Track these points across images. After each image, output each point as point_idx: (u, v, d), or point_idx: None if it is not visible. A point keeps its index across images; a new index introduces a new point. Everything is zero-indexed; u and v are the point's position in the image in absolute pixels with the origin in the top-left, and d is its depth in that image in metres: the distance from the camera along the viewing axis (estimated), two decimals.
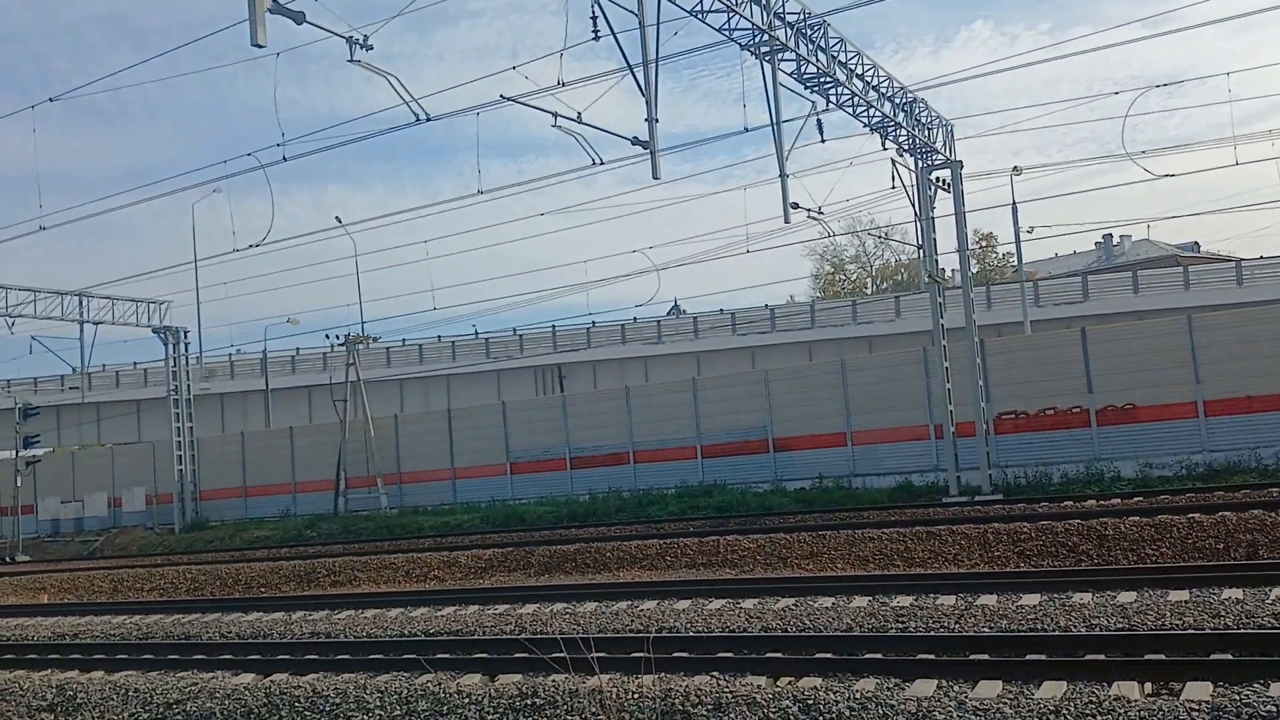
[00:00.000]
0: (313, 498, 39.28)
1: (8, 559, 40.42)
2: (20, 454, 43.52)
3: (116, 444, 55.19)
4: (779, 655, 10.86)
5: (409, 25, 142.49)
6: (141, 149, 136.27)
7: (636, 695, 9.57)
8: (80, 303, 38.58)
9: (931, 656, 10.17)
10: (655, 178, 17.00)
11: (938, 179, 25.97)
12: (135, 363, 61.81)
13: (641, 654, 10.09)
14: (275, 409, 53.49)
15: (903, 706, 8.65)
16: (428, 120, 16.51)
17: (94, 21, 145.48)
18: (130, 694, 12.38)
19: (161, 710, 11.75)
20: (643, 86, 17.05)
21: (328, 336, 43.18)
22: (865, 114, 23.37)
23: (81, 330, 39.20)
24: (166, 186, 42.25)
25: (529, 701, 9.94)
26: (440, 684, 11.00)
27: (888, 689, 9.22)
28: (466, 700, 10.31)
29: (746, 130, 20.10)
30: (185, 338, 42.32)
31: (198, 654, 14.54)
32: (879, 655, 10.45)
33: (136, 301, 40.46)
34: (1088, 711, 8.13)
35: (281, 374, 58.25)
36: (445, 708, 10.28)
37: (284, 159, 18.03)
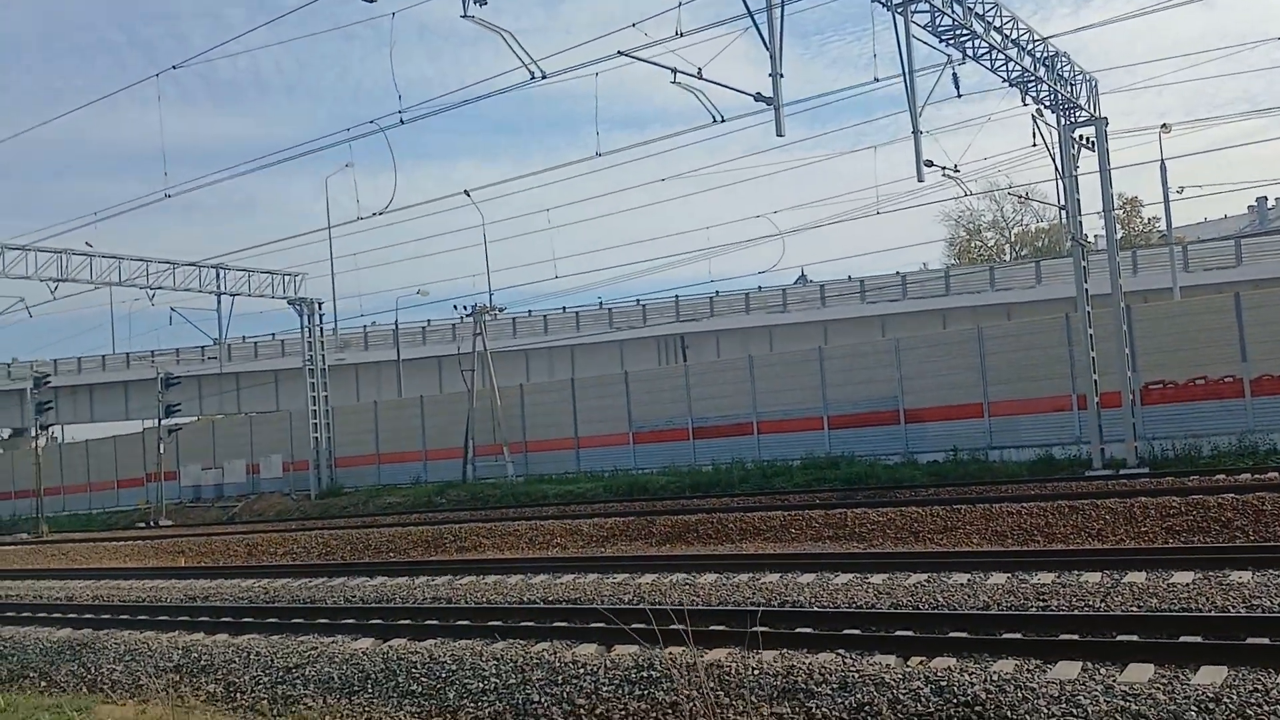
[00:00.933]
0: (443, 465, 39.85)
1: (151, 523, 42.04)
2: (163, 422, 45.13)
3: (255, 413, 56.92)
4: (910, 633, 10.27)
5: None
6: (281, 130, 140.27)
7: (757, 671, 9.13)
8: (217, 275, 39.51)
9: (1075, 637, 9.47)
10: (779, 134, 16.38)
11: (1081, 136, 24.70)
12: (273, 334, 63.73)
13: (763, 629, 9.63)
14: (407, 379, 54.48)
15: (1044, 690, 8.01)
16: (543, 78, 16.23)
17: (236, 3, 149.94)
18: (252, 657, 12.44)
19: (281, 674, 11.75)
20: (766, 39, 16.38)
21: (456, 308, 43.65)
22: (1004, 68, 22.33)
23: (219, 302, 40.27)
24: (292, 153, 42.57)
25: (645, 674, 9.58)
26: (556, 653, 10.73)
27: (1028, 671, 8.57)
28: (582, 670, 10.01)
29: (877, 80, 19.28)
30: (320, 309, 43.12)
31: (320, 618, 14.56)
32: (1018, 635, 9.78)
33: (272, 274, 41.29)
34: (1253, 700, 7.39)
35: (413, 345, 59.37)
36: (560, 677, 9.99)
37: (401, 121, 18.01)
